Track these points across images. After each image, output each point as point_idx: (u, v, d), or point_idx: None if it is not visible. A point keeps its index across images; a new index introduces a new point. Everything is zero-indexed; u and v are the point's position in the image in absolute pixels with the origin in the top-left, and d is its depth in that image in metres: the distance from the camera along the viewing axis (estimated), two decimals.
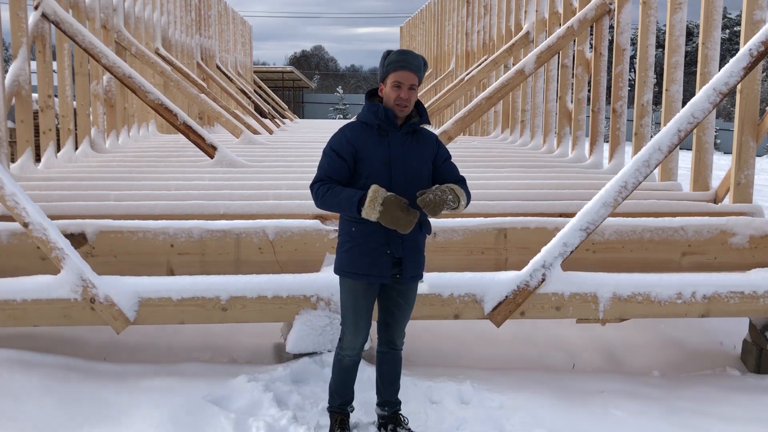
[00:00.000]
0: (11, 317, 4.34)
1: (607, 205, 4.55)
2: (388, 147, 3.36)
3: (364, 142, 3.35)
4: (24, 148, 7.54)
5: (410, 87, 3.31)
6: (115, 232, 5.02)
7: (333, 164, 3.36)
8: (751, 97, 6.31)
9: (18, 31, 7.60)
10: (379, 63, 3.39)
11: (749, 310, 4.64)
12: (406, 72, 3.30)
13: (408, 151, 3.39)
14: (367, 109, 3.42)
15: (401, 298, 3.52)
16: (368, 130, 3.38)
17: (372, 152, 3.34)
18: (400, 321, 3.57)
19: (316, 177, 3.41)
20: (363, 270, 3.37)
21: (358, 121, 3.45)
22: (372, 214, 3.18)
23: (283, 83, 46.17)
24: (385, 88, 3.36)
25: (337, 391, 3.62)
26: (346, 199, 3.26)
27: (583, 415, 3.91)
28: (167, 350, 4.98)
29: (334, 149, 3.37)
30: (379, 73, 3.39)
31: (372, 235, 3.33)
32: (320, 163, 3.43)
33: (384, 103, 3.38)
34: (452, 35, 18.16)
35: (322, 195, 3.33)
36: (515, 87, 9.06)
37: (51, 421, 3.64)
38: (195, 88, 12.76)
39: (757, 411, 4.06)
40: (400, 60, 3.32)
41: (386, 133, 3.38)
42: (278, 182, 7.15)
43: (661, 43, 8.40)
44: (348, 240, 3.40)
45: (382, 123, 3.36)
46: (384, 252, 3.35)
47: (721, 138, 33.32)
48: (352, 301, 3.46)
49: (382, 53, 3.40)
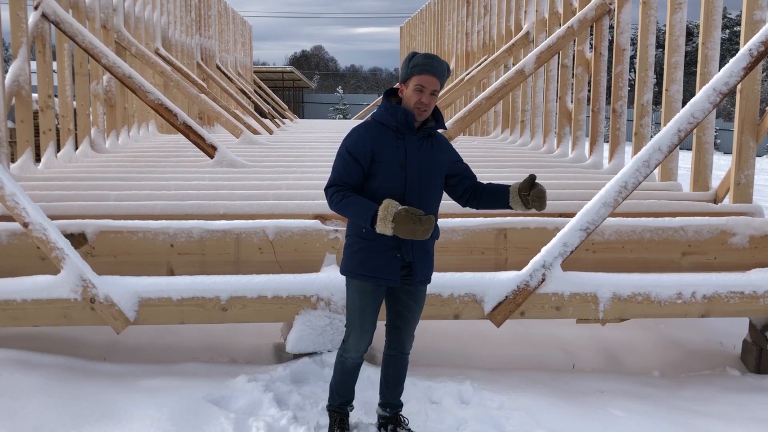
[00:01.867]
0: (11, 317, 4.34)
1: (607, 205, 4.55)
2: (405, 150, 3.32)
3: (381, 143, 3.30)
4: (24, 148, 7.53)
5: (432, 92, 3.28)
6: (115, 232, 5.02)
7: (348, 168, 3.30)
8: (751, 97, 6.31)
9: (18, 31, 7.60)
10: (403, 63, 3.34)
11: (749, 310, 4.64)
12: (430, 76, 3.26)
13: (423, 156, 3.36)
14: (384, 110, 3.36)
15: (411, 300, 3.50)
16: (384, 132, 3.33)
17: (388, 155, 3.29)
18: (410, 323, 3.55)
19: (331, 180, 3.34)
20: (372, 272, 3.33)
21: (373, 120, 3.38)
22: (386, 231, 3.15)
23: (283, 83, 46.16)
24: (406, 89, 3.31)
25: (338, 391, 3.61)
26: (359, 214, 3.22)
27: (583, 415, 3.91)
28: (167, 350, 4.98)
29: (351, 152, 3.30)
30: (402, 74, 3.34)
31: (383, 238, 3.28)
32: (335, 165, 3.35)
33: (403, 104, 3.33)
34: (452, 35, 18.15)
35: (337, 202, 3.28)
36: (515, 87, 9.06)
37: (51, 421, 3.64)
38: (195, 88, 12.76)
39: (757, 411, 4.06)
40: (425, 64, 3.27)
41: (403, 136, 3.33)
42: (278, 182, 7.14)
43: (661, 43, 8.40)
44: (357, 241, 3.36)
45: (400, 125, 3.31)
46: (394, 255, 3.33)
47: (721, 138, 33.33)
48: (359, 303, 3.42)
49: (408, 54, 3.36)
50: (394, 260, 3.33)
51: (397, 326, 3.55)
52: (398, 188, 3.28)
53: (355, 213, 3.24)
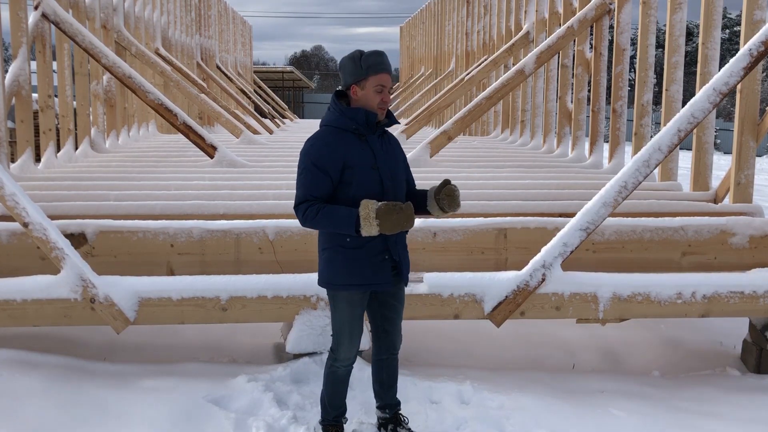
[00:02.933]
0: (11, 317, 4.34)
1: (607, 205, 4.54)
2: (371, 151, 3.24)
3: (348, 149, 3.20)
4: (24, 148, 7.54)
5: (390, 89, 3.25)
6: (115, 232, 5.02)
7: (316, 181, 3.16)
8: (751, 97, 6.31)
9: (18, 31, 7.60)
10: (351, 63, 3.21)
11: (749, 310, 4.64)
12: (386, 74, 3.21)
13: (387, 154, 3.31)
14: (340, 113, 3.22)
15: (394, 300, 3.46)
16: (346, 136, 3.23)
17: (358, 159, 3.20)
18: (397, 323, 3.52)
19: (300, 197, 3.19)
20: (366, 279, 3.26)
21: (329, 127, 3.26)
22: (372, 231, 3.08)
23: (283, 83, 46.15)
24: (362, 90, 3.21)
25: (331, 403, 3.52)
26: (340, 222, 3.12)
27: (583, 415, 3.91)
28: (167, 350, 4.98)
29: (318, 165, 3.16)
30: (354, 74, 3.19)
31: (370, 243, 3.22)
32: (300, 181, 3.20)
33: (362, 105, 3.23)
34: (452, 35, 18.15)
35: (311, 218, 3.14)
36: (515, 87, 9.07)
37: (51, 421, 3.64)
38: (195, 88, 12.77)
39: (757, 411, 4.06)
40: (381, 62, 3.20)
41: (364, 138, 3.25)
42: (278, 182, 7.14)
43: (661, 43, 8.39)
44: (342, 252, 3.24)
45: (361, 127, 3.22)
46: (383, 258, 3.27)
47: (721, 138, 33.31)
48: (348, 313, 3.33)
49: (352, 53, 3.23)
50: (384, 263, 3.28)
51: (385, 330, 3.49)
52: (375, 189, 3.20)
53: (336, 223, 3.13)
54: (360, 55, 3.21)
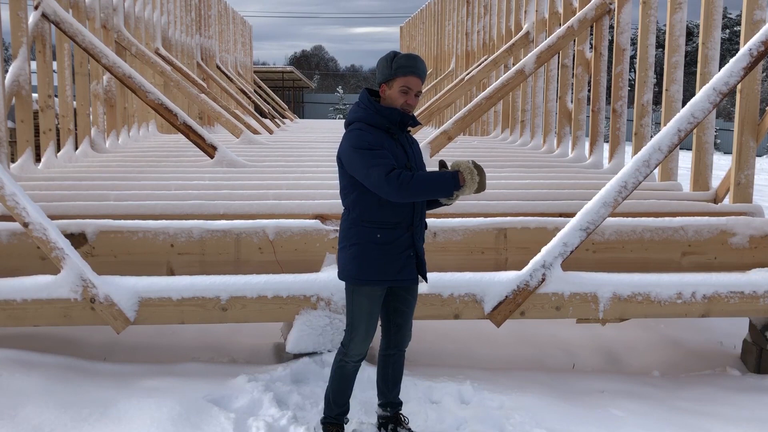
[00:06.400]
0: (11, 317, 4.34)
1: (607, 205, 4.55)
2: (403, 150, 3.33)
3: (386, 144, 3.26)
4: (24, 148, 7.53)
5: (416, 93, 3.29)
6: (115, 232, 5.02)
7: (384, 153, 3.18)
8: (751, 97, 6.31)
9: (18, 31, 7.59)
10: (383, 63, 3.30)
11: (749, 310, 4.64)
12: (415, 78, 3.27)
13: (415, 153, 3.41)
14: (375, 111, 3.29)
15: (409, 294, 3.51)
16: (380, 134, 3.28)
17: (394, 156, 3.26)
18: (409, 319, 3.56)
19: (385, 167, 3.14)
20: (393, 275, 3.31)
21: (363, 123, 3.30)
22: (472, 188, 3.14)
23: (283, 83, 46.16)
24: (389, 89, 3.29)
25: (335, 399, 3.53)
26: (440, 180, 3.15)
27: (583, 415, 3.91)
28: (167, 350, 4.98)
29: (373, 146, 3.19)
30: (384, 74, 3.29)
31: (399, 239, 3.30)
32: (369, 160, 3.16)
33: (388, 105, 3.31)
34: (452, 35, 18.15)
35: (408, 181, 3.11)
36: (515, 87, 9.06)
37: (51, 421, 3.64)
38: (195, 88, 12.76)
39: (757, 411, 4.06)
40: (411, 65, 3.26)
41: (395, 137, 3.33)
42: (278, 182, 7.14)
43: (661, 43, 8.41)
44: (373, 248, 3.28)
45: (393, 126, 3.29)
46: (410, 254, 3.34)
47: (721, 138, 33.33)
48: (368, 308, 3.37)
49: (388, 53, 3.33)
50: (410, 259, 3.35)
51: (397, 324, 3.54)
52: None
53: (436, 182, 3.16)
54: (393, 56, 3.30)
